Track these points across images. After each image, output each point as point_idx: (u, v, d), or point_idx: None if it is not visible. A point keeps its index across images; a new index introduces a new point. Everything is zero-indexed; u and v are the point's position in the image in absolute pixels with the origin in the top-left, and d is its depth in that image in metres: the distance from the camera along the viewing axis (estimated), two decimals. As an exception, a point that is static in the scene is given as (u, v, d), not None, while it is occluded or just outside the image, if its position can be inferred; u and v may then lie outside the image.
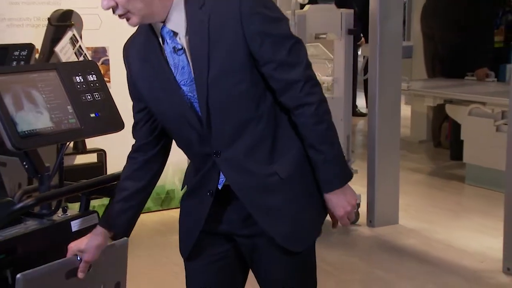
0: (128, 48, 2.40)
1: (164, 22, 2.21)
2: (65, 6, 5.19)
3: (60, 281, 2.42)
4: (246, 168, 2.27)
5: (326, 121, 2.26)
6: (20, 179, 2.88)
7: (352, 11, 5.62)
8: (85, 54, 5.01)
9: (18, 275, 2.31)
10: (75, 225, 2.58)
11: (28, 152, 2.49)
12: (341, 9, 5.60)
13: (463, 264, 4.89)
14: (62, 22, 4.94)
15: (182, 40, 2.22)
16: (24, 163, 2.52)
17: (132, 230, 2.57)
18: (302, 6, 5.40)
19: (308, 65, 2.24)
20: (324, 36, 5.65)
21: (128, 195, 2.46)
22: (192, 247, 2.44)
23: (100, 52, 5.68)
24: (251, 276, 2.52)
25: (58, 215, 2.63)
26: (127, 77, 2.43)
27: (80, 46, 4.94)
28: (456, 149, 7.47)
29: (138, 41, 2.35)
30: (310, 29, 5.37)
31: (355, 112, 9.65)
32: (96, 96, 2.59)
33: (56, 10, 5.02)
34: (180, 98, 2.25)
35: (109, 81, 5.52)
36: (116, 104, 2.63)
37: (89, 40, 5.41)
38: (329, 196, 2.32)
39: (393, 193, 5.67)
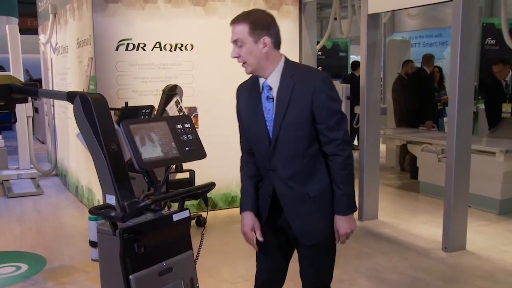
0: (240, 88, 2.44)
1: (266, 78, 2.26)
2: (173, 82, 5.26)
3: (156, 277, 2.44)
4: (289, 185, 2.28)
5: (348, 169, 2.25)
6: (143, 187, 2.89)
7: (349, 85, 5.62)
8: (183, 111, 5.06)
9: (131, 276, 2.34)
10: (175, 217, 2.57)
11: (148, 171, 2.50)
12: (343, 84, 5.60)
13: (417, 244, 4.82)
14: (170, 92, 5.01)
15: (273, 93, 2.26)
16: (145, 177, 2.53)
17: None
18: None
19: (346, 132, 2.26)
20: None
21: (253, 190, 2.41)
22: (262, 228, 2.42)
23: (193, 110, 5.74)
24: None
25: (165, 210, 2.63)
26: (236, 106, 2.46)
27: (181, 106, 5.00)
28: (414, 172, 7.37)
29: (247, 85, 2.39)
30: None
31: (352, 147, 9.58)
32: (190, 137, 2.59)
33: (167, 85, 5.10)
34: (262, 127, 2.28)
35: (198, 128, 5.57)
36: (202, 142, 2.63)
37: (186, 102, 5.47)
38: (337, 217, 2.28)
39: (374, 199, 5.60)
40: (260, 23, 2.21)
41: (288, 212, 2.31)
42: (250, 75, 2.34)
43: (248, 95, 2.35)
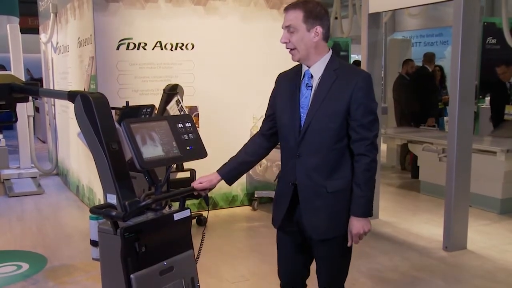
0: (281, 76, 2.48)
1: (309, 67, 2.30)
2: (173, 81, 5.26)
3: (157, 276, 2.43)
4: (310, 175, 2.30)
5: (372, 172, 2.28)
6: (143, 186, 2.89)
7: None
8: (184, 110, 5.05)
9: (132, 275, 2.32)
10: (176, 216, 2.57)
11: (149, 170, 2.50)
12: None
13: (418, 244, 4.82)
14: (171, 91, 5.00)
15: (314, 82, 2.29)
16: (146, 177, 2.53)
17: (233, 182, 2.56)
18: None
19: (376, 135, 2.30)
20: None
21: (239, 162, 2.51)
22: (281, 222, 2.44)
23: (194, 109, 5.74)
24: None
25: (166, 210, 2.63)
26: (272, 92, 2.49)
27: (181, 106, 4.99)
28: (414, 172, 7.38)
29: (288, 74, 2.43)
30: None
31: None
32: (190, 136, 2.59)
33: (168, 84, 5.09)
34: (295, 113, 2.31)
35: (199, 127, 5.57)
36: (203, 141, 2.63)
37: (187, 101, 5.46)
38: (352, 218, 2.29)
39: (375, 199, 5.52)
40: (314, 12, 2.25)
41: (303, 205, 2.32)
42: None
43: (288, 82, 2.39)
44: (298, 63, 2.38)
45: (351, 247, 2.42)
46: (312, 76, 2.31)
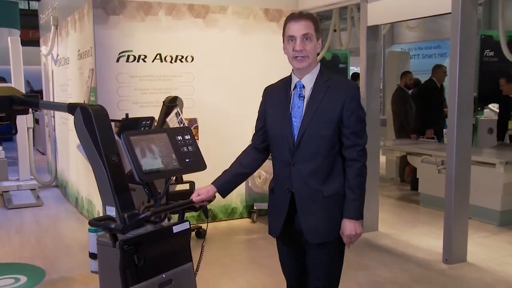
0: (268, 89, 2.56)
1: (300, 78, 2.38)
2: (173, 94, 5.28)
3: None
4: (306, 181, 2.36)
5: (363, 177, 2.36)
6: (143, 199, 2.88)
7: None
8: (184, 122, 5.06)
9: None
10: (175, 229, 2.57)
11: (148, 183, 2.50)
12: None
13: (417, 256, 4.80)
14: (171, 104, 5.01)
15: (306, 92, 2.37)
16: (145, 189, 2.53)
17: (227, 195, 2.59)
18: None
19: (366, 142, 2.38)
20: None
21: (234, 174, 2.56)
22: (280, 232, 2.47)
23: (193, 121, 5.75)
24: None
25: (165, 222, 2.62)
26: (260, 105, 2.56)
27: (181, 118, 4.99)
28: (414, 184, 7.38)
29: (276, 86, 2.51)
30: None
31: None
32: (190, 148, 2.59)
33: (168, 96, 5.10)
34: (288, 124, 2.38)
35: (198, 139, 5.57)
36: (202, 154, 2.63)
37: (187, 114, 5.47)
38: (345, 220, 2.35)
39: (375, 211, 5.58)
40: (318, 26, 2.38)
41: (300, 211, 2.37)
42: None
43: (278, 93, 2.46)
44: (287, 76, 2.47)
45: (343, 253, 2.48)
46: (304, 87, 2.38)
